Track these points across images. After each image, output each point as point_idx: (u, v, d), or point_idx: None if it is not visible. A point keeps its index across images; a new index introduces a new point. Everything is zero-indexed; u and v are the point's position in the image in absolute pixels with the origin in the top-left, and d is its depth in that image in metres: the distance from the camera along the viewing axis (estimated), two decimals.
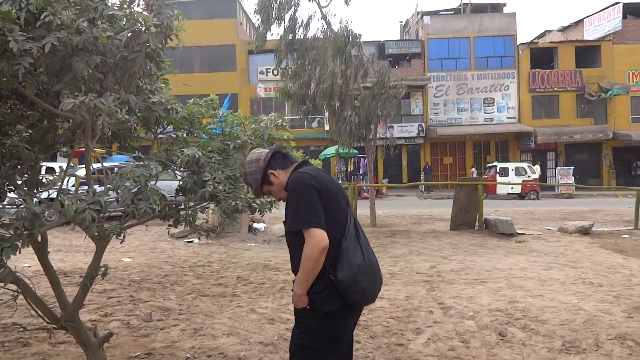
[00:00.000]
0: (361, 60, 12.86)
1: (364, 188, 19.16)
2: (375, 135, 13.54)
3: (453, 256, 8.20)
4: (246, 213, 4.38)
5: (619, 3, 30.00)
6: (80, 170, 3.82)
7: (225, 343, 4.14)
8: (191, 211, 3.31)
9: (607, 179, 30.26)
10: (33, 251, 3.14)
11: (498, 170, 24.67)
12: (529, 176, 24.31)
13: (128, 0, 2.55)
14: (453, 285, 6.14)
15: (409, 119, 30.29)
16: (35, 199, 2.63)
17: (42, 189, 3.33)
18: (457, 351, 3.95)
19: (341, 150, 14.05)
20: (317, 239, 2.15)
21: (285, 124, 3.58)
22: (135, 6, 2.58)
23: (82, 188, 4.86)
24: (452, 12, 33.61)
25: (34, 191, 3.20)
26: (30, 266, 6.48)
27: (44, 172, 7.16)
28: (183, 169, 3.21)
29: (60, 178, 2.98)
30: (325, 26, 12.75)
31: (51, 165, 12.98)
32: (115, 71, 2.47)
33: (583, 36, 32.26)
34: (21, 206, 2.64)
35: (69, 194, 2.77)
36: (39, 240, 3.11)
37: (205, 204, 3.31)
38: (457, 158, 31.58)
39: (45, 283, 4.11)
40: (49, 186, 3.34)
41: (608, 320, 4.61)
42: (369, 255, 2.33)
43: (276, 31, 12.98)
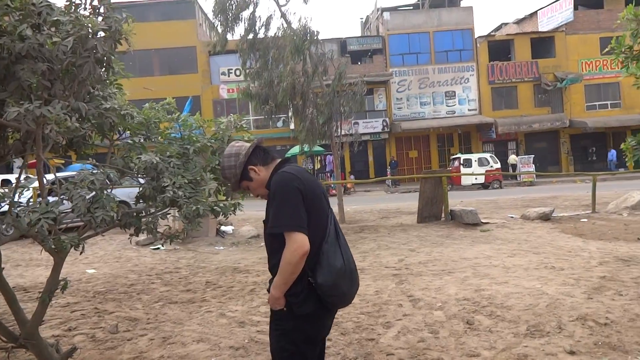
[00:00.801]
0: (321, 58, 12.88)
1: (332, 185, 19.23)
2: (339, 132, 13.59)
3: (421, 248, 8.32)
4: (208, 217, 4.33)
5: None
6: (36, 181, 3.70)
7: (196, 350, 4.08)
8: (152, 218, 3.24)
9: (566, 165, 31.37)
10: None
11: (462, 161, 25.19)
12: (492, 166, 24.92)
13: (74, 4, 2.47)
14: (421, 277, 6.23)
15: (373, 114, 30.59)
16: None
17: None
18: (427, 342, 4.01)
19: (305, 149, 14.01)
20: (299, 243, 2.12)
21: (245, 126, 3.54)
22: (82, 10, 2.50)
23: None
24: (411, 8, 34.09)
25: None
26: None
27: None
28: (141, 175, 3.14)
29: (12, 190, 2.87)
30: (285, 25, 12.73)
31: (7, 177, 12.50)
32: (63, 78, 2.39)
33: (538, 28, 33.26)
34: None
35: (20, 206, 2.67)
36: None
37: (166, 210, 3.25)
38: (422, 151, 32.09)
39: (1, 301, 3.96)
40: (1, 199, 3.22)
41: (570, 303, 4.76)
42: (349, 259, 2.32)
43: (237, 31, 12.84)
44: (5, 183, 11.66)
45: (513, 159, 29.04)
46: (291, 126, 27.52)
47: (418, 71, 31.28)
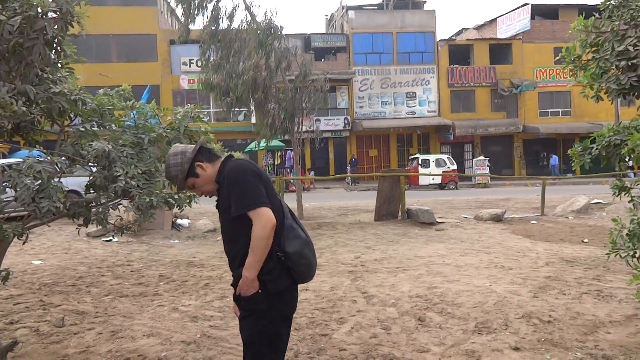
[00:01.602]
0: (284, 53, 12.80)
1: (292, 181, 19.19)
2: (300, 128, 13.56)
3: (377, 246, 8.43)
4: (163, 209, 4.23)
5: (528, 4, 32.15)
6: None
7: (145, 344, 3.98)
8: (102, 208, 3.14)
9: (518, 169, 32.50)
10: None
11: (420, 162, 25.66)
12: (449, 167, 25.50)
13: None
14: (376, 274, 6.31)
15: (335, 112, 30.68)
16: None
17: None
18: (379, 338, 4.07)
19: (262, 144, 13.91)
20: (267, 216, 2.23)
21: (203, 116, 3.48)
22: None
23: None
24: (376, 8, 34.34)
25: None
26: None
27: None
28: (92, 164, 3.03)
29: None
30: (250, 17, 12.57)
31: None
32: (9, 59, 2.27)
33: (496, 34, 34.24)
34: None
35: None
36: None
37: (118, 200, 3.15)
38: (382, 150, 32.46)
39: None
40: None
41: (516, 301, 4.94)
42: (307, 233, 2.48)
43: (200, 21, 12.59)
44: None
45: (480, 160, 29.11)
46: (253, 120, 27.30)
47: (380, 71, 31.59)
